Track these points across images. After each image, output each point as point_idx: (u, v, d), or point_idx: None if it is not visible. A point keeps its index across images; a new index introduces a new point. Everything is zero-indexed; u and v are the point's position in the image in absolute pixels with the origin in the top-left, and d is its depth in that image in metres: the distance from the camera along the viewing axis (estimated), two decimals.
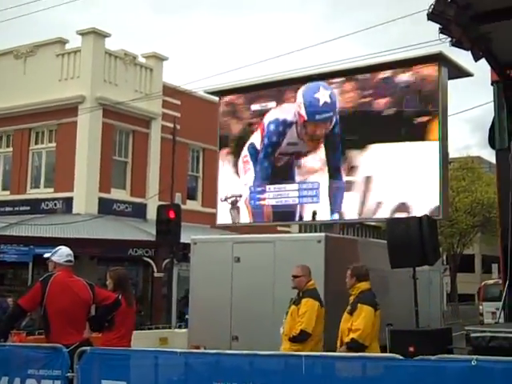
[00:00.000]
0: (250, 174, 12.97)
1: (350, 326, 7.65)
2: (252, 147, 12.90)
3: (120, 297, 7.56)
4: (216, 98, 14.18)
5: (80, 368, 5.91)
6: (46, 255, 7.16)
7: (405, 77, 11.47)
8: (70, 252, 7.16)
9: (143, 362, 5.95)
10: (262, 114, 12.87)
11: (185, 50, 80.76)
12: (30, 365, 6.21)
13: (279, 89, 12.92)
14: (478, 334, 7.36)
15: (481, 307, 23.51)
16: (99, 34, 22.34)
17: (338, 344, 7.79)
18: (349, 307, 7.85)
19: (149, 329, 16.36)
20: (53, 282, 6.72)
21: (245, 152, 13.05)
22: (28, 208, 22.19)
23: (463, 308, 38.44)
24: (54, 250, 7.13)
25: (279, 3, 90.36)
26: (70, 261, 7.07)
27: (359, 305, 7.73)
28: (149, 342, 10.34)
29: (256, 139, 12.85)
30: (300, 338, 7.93)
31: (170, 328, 15.79)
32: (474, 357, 4.54)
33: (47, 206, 21.95)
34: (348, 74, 12.17)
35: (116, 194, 22.40)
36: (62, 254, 7.07)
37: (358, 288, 7.94)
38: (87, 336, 7.01)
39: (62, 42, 23.21)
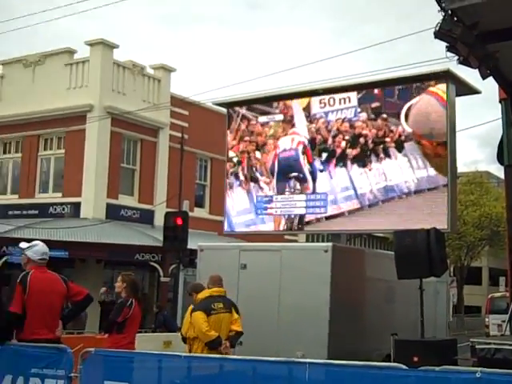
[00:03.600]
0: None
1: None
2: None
3: (132, 303, 7.61)
4: (224, 110, 14.27)
5: (84, 368, 5.91)
6: (22, 245, 7.02)
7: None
8: (46, 250, 7.02)
9: (146, 365, 5.94)
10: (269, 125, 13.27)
11: (193, 61, 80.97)
12: (34, 364, 6.18)
13: (286, 102, 13.20)
14: (484, 346, 7.34)
15: (487, 319, 23.37)
16: (107, 45, 22.45)
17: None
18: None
19: (153, 332, 16.35)
20: (31, 280, 6.62)
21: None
22: (36, 212, 22.24)
23: (469, 320, 38.27)
24: (29, 244, 7.01)
25: (288, 18, 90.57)
26: (44, 259, 6.94)
27: None
28: (153, 345, 10.33)
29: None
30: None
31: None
32: (479, 369, 4.50)
33: (55, 210, 22.01)
34: (354, 89, 12.44)
35: (124, 200, 22.43)
36: (38, 251, 6.93)
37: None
38: (59, 335, 6.86)
39: (70, 51, 23.32)
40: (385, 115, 12.11)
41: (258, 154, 13.47)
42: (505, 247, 12.37)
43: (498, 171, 37.36)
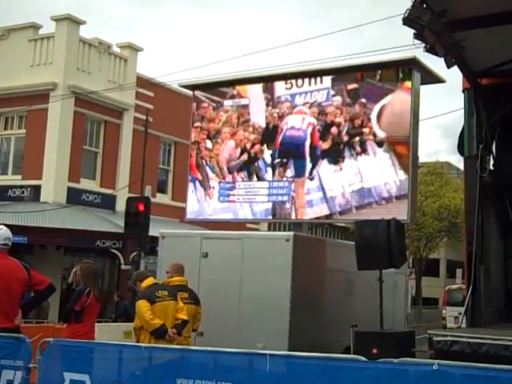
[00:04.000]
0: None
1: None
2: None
3: (91, 292, 7.53)
4: (190, 92, 14.13)
5: (42, 359, 5.84)
6: None
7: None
8: (10, 235, 6.97)
9: (107, 356, 5.89)
10: (235, 110, 12.84)
11: (160, 42, 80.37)
12: None
13: (253, 86, 12.83)
14: (441, 338, 7.45)
15: (444, 311, 23.78)
16: (74, 21, 22.04)
17: None
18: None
19: (113, 321, 16.22)
20: None
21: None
22: None
23: (427, 312, 38.87)
24: None
25: (256, 1, 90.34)
26: (6, 244, 6.88)
27: None
28: (113, 335, 10.27)
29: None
30: None
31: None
32: (436, 361, 4.58)
33: (14, 193, 21.64)
34: (321, 74, 12.00)
35: (85, 184, 22.15)
36: (0, 236, 6.88)
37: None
38: (18, 324, 6.83)
39: (35, 27, 22.82)
40: (364, 99, 10.76)
41: (208, 144, 12.62)
42: (462, 239, 12.53)
43: (458, 162, 38.02)
